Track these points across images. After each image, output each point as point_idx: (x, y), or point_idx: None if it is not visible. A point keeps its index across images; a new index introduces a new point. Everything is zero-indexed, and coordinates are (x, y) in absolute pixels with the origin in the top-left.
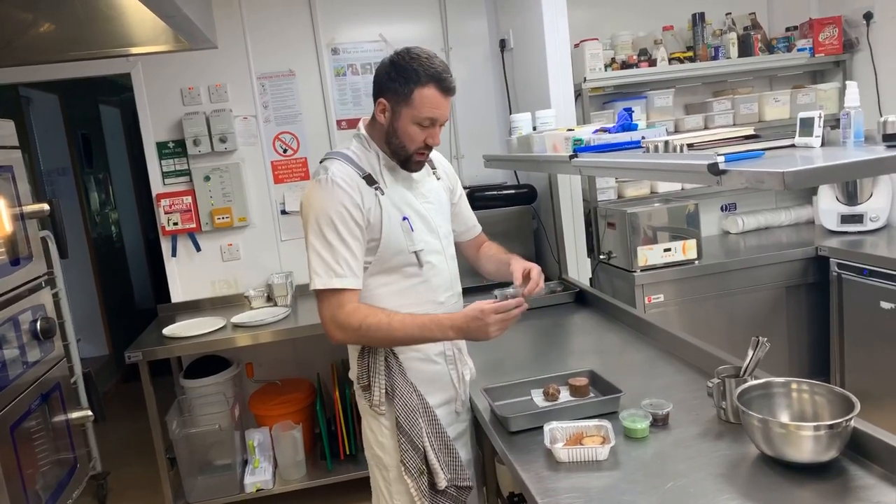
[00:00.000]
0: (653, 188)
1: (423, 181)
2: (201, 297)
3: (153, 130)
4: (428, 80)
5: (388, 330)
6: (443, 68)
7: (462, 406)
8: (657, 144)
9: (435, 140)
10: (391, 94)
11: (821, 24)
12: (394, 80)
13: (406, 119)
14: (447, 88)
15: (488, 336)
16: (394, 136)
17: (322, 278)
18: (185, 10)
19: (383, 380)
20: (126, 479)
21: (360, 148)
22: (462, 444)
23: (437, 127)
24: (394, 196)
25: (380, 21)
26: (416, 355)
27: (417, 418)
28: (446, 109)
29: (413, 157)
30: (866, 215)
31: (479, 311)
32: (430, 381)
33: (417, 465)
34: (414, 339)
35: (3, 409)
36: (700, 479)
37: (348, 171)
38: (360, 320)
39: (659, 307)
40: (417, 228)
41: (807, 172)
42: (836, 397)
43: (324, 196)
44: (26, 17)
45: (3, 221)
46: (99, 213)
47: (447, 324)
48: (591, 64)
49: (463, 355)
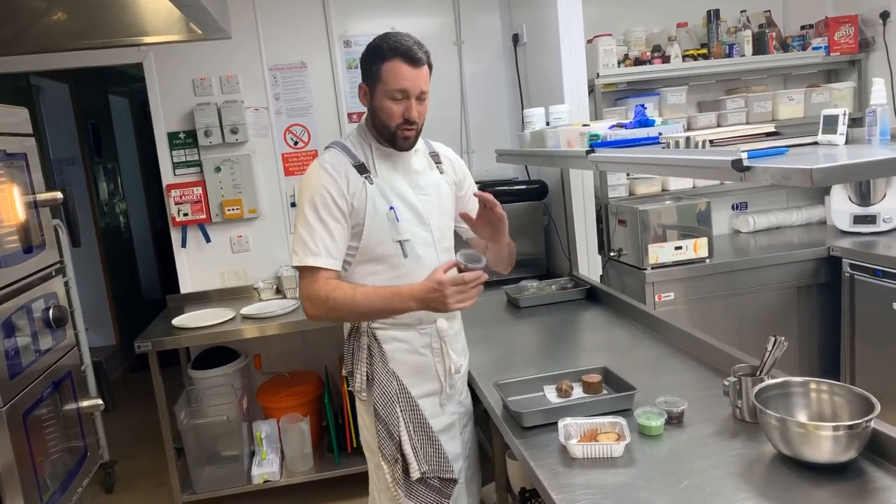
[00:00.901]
0: (664, 186)
1: (423, 173)
2: (210, 288)
3: (164, 121)
4: (392, 53)
5: (353, 302)
6: (410, 42)
7: (448, 399)
8: (678, 140)
9: (411, 112)
10: (367, 76)
11: (836, 22)
12: (366, 62)
13: (380, 95)
14: (413, 59)
15: (447, 308)
16: (375, 115)
17: (298, 256)
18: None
19: (364, 366)
20: (133, 468)
21: (357, 137)
22: (449, 436)
23: (411, 100)
24: (383, 185)
25: (392, 14)
26: (402, 346)
27: (395, 406)
28: (418, 80)
29: (397, 133)
30: (879, 216)
31: (436, 283)
32: (416, 373)
33: (392, 452)
34: (377, 310)
35: (15, 397)
36: (716, 477)
37: (340, 158)
38: (328, 293)
39: (669, 305)
40: (404, 218)
41: (835, 169)
42: (855, 398)
43: (311, 180)
44: (40, 6)
45: (17, 209)
46: (107, 203)
47: (408, 295)
48: (604, 60)
49: (449, 349)
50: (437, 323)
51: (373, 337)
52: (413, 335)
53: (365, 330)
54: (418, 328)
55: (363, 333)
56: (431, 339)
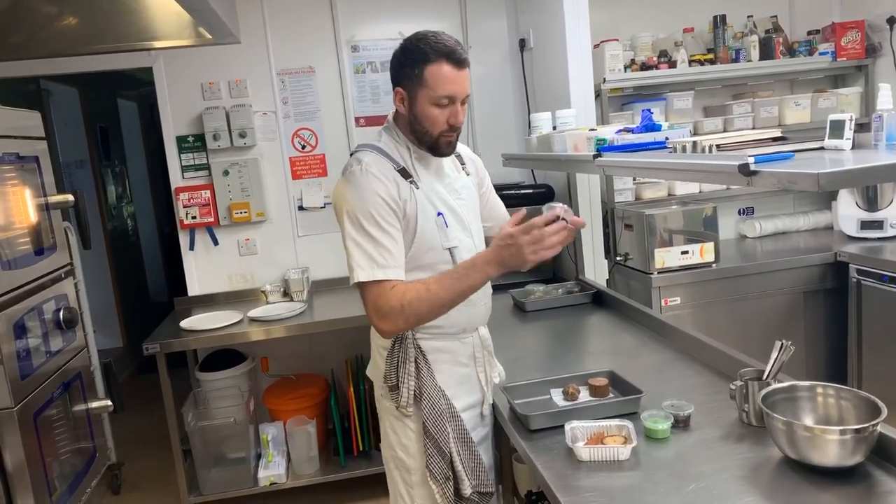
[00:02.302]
0: (670, 190)
1: (455, 177)
2: (218, 291)
3: (173, 124)
4: (437, 56)
5: (431, 296)
6: (452, 42)
7: (487, 409)
8: (685, 145)
9: (458, 118)
10: (405, 79)
11: (843, 28)
12: (404, 65)
13: (424, 101)
14: (458, 61)
15: (526, 259)
16: (416, 122)
17: (365, 270)
18: (211, 4)
19: (413, 381)
20: (140, 470)
21: (391, 140)
22: (485, 448)
23: (457, 104)
24: (428, 191)
25: (399, 19)
26: (446, 357)
27: (445, 423)
28: (463, 83)
29: (439, 140)
30: (886, 221)
31: (507, 236)
32: (459, 384)
33: (444, 470)
34: (458, 292)
35: (27, 397)
36: (723, 480)
37: (383, 163)
38: (400, 299)
39: (675, 310)
40: (451, 225)
41: (842, 174)
42: (861, 402)
43: (360, 187)
44: (51, 10)
45: (29, 211)
46: (115, 206)
47: (482, 262)
48: (610, 65)
49: (492, 357)
50: (478, 331)
51: (418, 348)
52: (456, 345)
53: (411, 341)
54: (461, 337)
55: (409, 345)
56: (474, 348)
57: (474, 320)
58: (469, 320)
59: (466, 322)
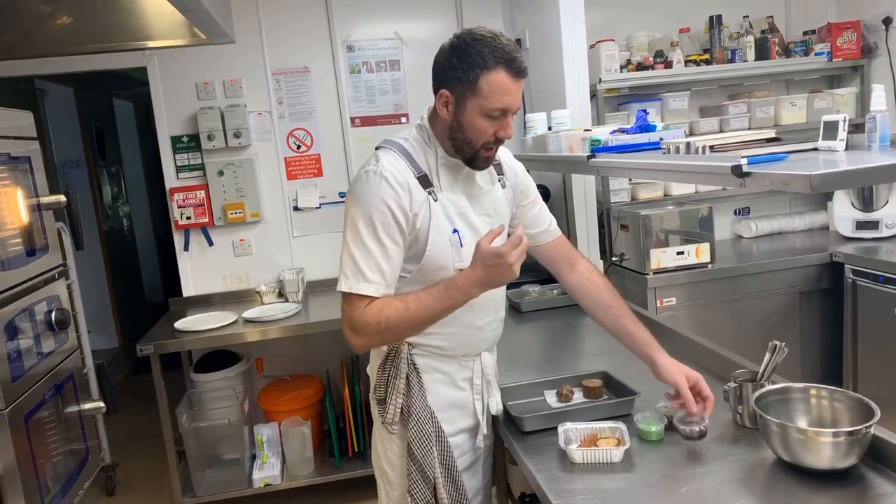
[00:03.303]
0: (666, 191)
1: (485, 189)
2: (213, 292)
3: (168, 124)
4: (496, 62)
5: (409, 315)
6: (512, 48)
7: (481, 439)
8: (678, 146)
9: (507, 132)
10: (454, 83)
11: (839, 28)
12: (456, 67)
13: (473, 111)
14: (519, 70)
15: (514, 275)
16: (459, 130)
17: (349, 280)
18: (204, 4)
19: (401, 398)
20: (135, 471)
21: (420, 141)
22: (472, 472)
23: (508, 117)
24: (447, 203)
25: (395, 19)
26: (441, 378)
27: (431, 446)
28: (519, 95)
29: (480, 153)
30: (882, 222)
31: (495, 256)
32: (453, 407)
33: (426, 497)
34: (437, 312)
35: (18, 399)
36: (716, 483)
37: (401, 167)
38: (377, 315)
39: (671, 310)
40: (467, 244)
41: (834, 175)
42: (855, 404)
43: (368, 191)
44: (45, 10)
45: (21, 212)
46: (111, 206)
47: (464, 283)
48: (606, 65)
49: (491, 386)
50: (481, 356)
51: (412, 365)
52: (454, 367)
53: (405, 356)
54: (461, 360)
55: (402, 360)
56: (473, 373)
57: (479, 345)
58: (473, 345)
59: (469, 348)
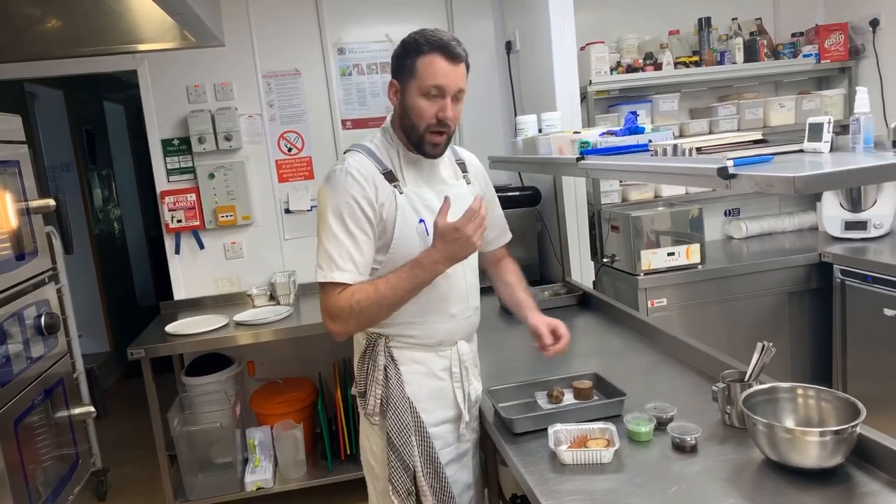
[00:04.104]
0: (657, 192)
1: (450, 183)
2: (204, 295)
3: (158, 128)
4: (429, 47)
5: (379, 296)
6: (448, 38)
7: (467, 427)
8: (665, 148)
9: (446, 112)
10: (399, 71)
11: (827, 30)
12: (400, 56)
13: (413, 92)
14: (452, 55)
15: (474, 246)
16: (406, 116)
17: (324, 271)
18: (194, 8)
19: (380, 389)
20: (126, 475)
21: (383, 141)
22: (462, 465)
23: (447, 98)
24: (413, 196)
25: (386, 21)
26: (420, 369)
27: (410, 436)
28: (456, 78)
29: (425, 136)
30: (870, 222)
31: (453, 230)
32: (432, 398)
33: (406, 485)
34: (406, 291)
35: (6, 404)
36: (704, 483)
37: (366, 164)
38: (350, 301)
39: (661, 311)
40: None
41: (817, 177)
42: (841, 403)
43: (336, 187)
44: (34, 13)
45: (10, 216)
46: (102, 209)
47: (429, 261)
48: (596, 67)
49: (469, 374)
50: (458, 345)
51: (390, 357)
52: (432, 357)
53: (382, 349)
54: (438, 350)
55: (380, 353)
56: (451, 362)
57: (454, 334)
58: (448, 333)
59: (444, 335)
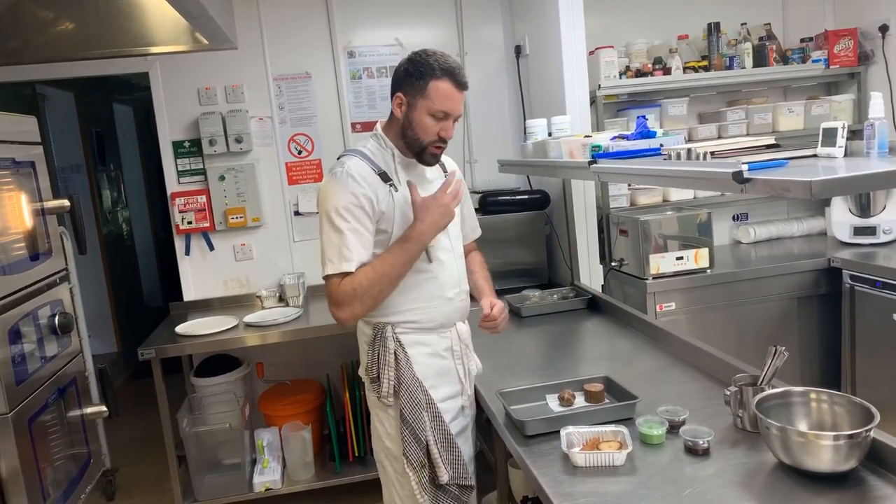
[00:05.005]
0: (665, 196)
1: (435, 182)
2: (213, 297)
3: (169, 129)
4: (443, 73)
5: (377, 274)
6: (456, 65)
7: (468, 400)
8: (679, 152)
9: (448, 133)
10: (408, 87)
11: (836, 35)
12: (411, 74)
13: (421, 110)
14: (460, 83)
15: (453, 213)
16: (409, 128)
17: (334, 263)
18: (209, 11)
19: (393, 372)
20: (135, 476)
21: (377, 146)
22: (464, 439)
23: (450, 120)
24: (407, 194)
25: (396, 25)
26: (425, 350)
27: (422, 412)
28: (459, 104)
29: (428, 149)
30: (879, 227)
31: (431, 200)
32: (438, 375)
33: (419, 458)
34: (401, 265)
35: (21, 403)
36: (717, 486)
37: (363, 167)
38: (351, 284)
39: (670, 315)
40: None
41: (834, 182)
42: (855, 407)
43: (337, 188)
44: (47, 15)
45: (25, 216)
46: (111, 210)
47: (415, 234)
48: (605, 71)
49: (469, 351)
50: (456, 326)
51: (398, 342)
52: (435, 339)
53: (391, 335)
54: (439, 332)
55: (389, 338)
56: (452, 342)
57: (452, 317)
58: (446, 316)
59: (444, 318)
